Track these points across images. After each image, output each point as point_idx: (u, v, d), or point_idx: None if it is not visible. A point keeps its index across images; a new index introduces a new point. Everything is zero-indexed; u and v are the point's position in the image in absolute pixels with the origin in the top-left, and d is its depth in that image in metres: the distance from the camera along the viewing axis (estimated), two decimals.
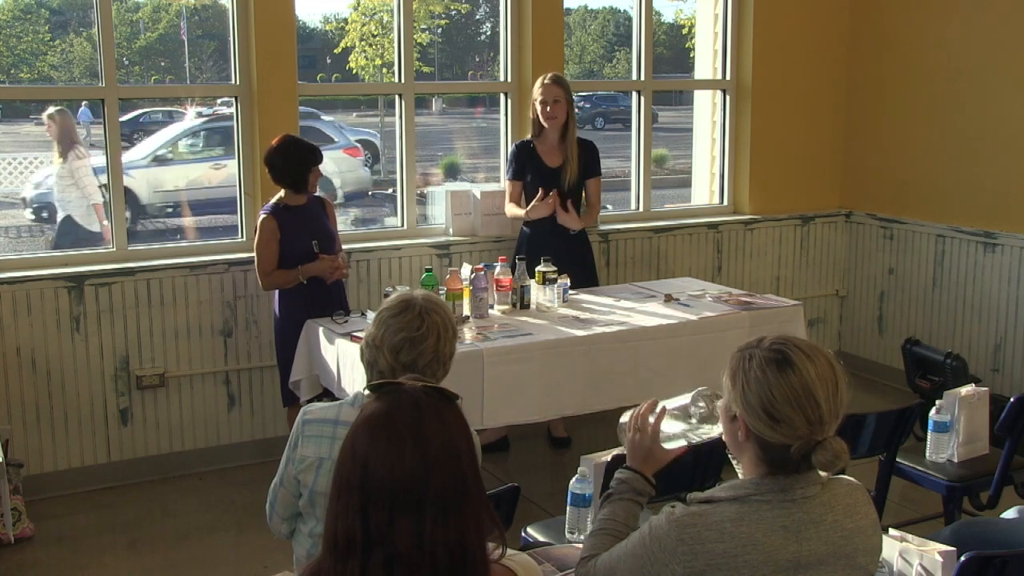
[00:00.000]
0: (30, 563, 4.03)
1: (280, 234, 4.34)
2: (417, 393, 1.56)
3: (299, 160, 4.36)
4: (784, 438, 1.83)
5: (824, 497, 1.88)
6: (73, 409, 4.57)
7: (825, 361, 1.87)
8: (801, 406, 1.81)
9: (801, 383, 1.82)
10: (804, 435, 1.82)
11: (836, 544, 1.87)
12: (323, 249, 4.41)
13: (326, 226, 4.49)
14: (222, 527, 4.36)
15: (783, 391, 1.82)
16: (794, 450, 1.83)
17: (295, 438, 2.50)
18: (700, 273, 5.79)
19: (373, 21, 14.01)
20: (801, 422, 1.81)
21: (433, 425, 1.53)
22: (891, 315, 6.16)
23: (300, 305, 4.38)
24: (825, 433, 1.83)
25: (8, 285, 4.40)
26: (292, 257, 4.37)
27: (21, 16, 17.02)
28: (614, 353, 4.13)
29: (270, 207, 4.40)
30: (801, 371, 1.82)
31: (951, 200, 5.75)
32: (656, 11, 6.44)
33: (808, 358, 1.84)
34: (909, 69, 5.92)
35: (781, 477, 1.86)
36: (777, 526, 1.83)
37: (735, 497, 1.86)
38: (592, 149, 5.08)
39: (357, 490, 1.51)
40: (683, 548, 1.82)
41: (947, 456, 3.69)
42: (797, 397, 1.81)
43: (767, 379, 1.83)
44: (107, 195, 4.79)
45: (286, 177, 4.36)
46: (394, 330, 2.41)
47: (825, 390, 1.83)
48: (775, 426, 1.82)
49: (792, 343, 1.88)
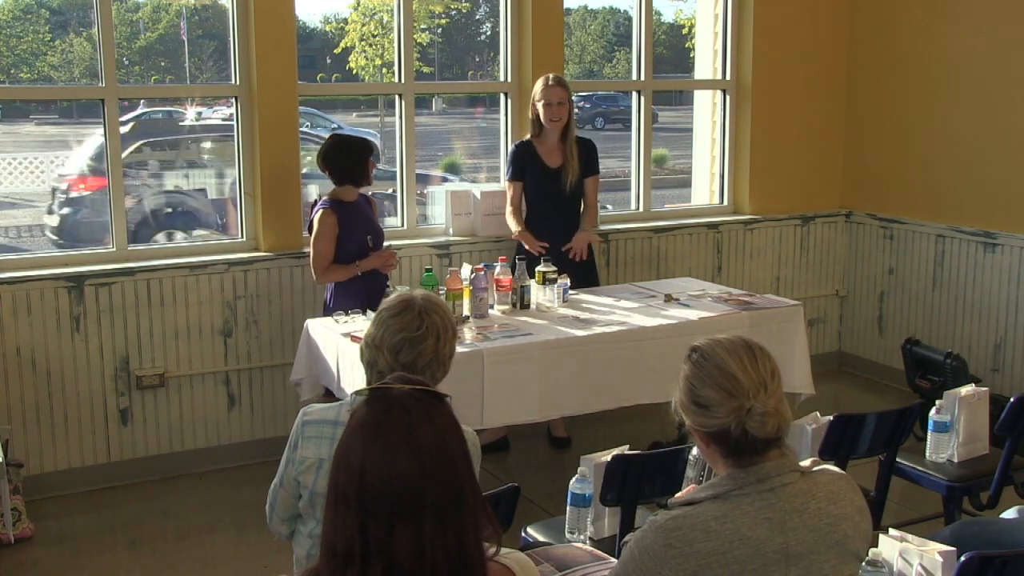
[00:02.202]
0: (30, 563, 4.03)
1: (338, 229, 4.45)
2: (406, 398, 1.55)
3: (356, 155, 4.50)
4: (719, 420, 1.87)
5: (804, 485, 1.91)
6: (73, 409, 4.57)
7: (737, 339, 1.95)
8: (718, 383, 1.88)
9: (712, 364, 1.90)
10: (734, 409, 1.86)
11: (823, 531, 1.88)
12: (375, 243, 4.57)
13: (375, 221, 4.67)
14: (222, 527, 4.36)
15: (699, 377, 1.91)
16: (733, 428, 1.86)
17: (295, 439, 2.50)
18: (700, 273, 5.79)
19: (373, 21, 14.01)
20: (724, 398, 1.87)
21: (425, 430, 1.52)
22: (891, 315, 6.16)
23: (357, 298, 4.45)
24: (754, 402, 1.86)
25: (8, 285, 4.40)
26: (349, 251, 4.48)
27: (21, 16, 17.02)
28: (614, 353, 4.13)
29: (328, 202, 4.49)
30: (709, 354, 1.91)
31: (951, 200, 5.75)
32: (656, 11, 6.44)
33: (717, 343, 1.94)
34: (909, 69, 5.92)
35: (753, 468, 1.88)
36: (760, 518, 1.85)
37: (715, 495, 1.88)
38: (591, 148, 5.08)
39: (355, 501, 1.50)
40: (672, 552, 1.82)
41: (947, 456, 3.69)
42: (711, 376, 1.89)
43: (686, 374, 1.94)
44: (108, 195, 4.79)
45: (347, 173, 4.49)
46: (394, 330, 2.41)
47: (739, 362, 1.89)
48: (706, 412, 1.89)
49: (705, 339, 1.96)
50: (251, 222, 4.98)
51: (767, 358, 1.92)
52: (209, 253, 4.89)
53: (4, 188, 13.05)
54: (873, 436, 3.41)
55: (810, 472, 1.95)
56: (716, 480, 1.92)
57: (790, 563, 1.85)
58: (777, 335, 4.37)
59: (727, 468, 1.92)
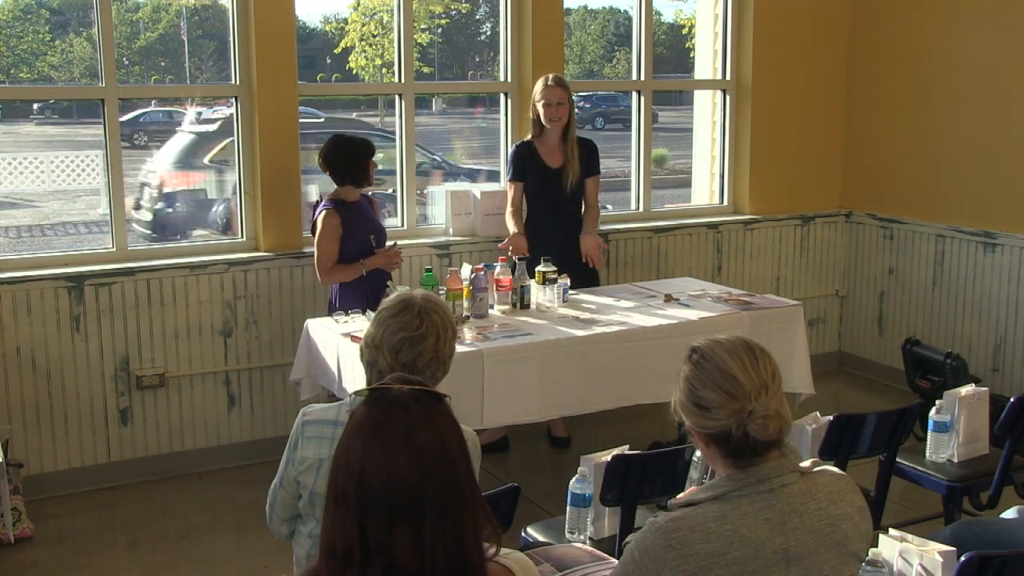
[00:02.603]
0: (30, 563, 4.03)
1: (342, 229, 4.45)
2: (406, 398, 1.55)
3: (356, 155, 4.51)
4: (720, 422, 1.87)
5: (803, 486, 1.90)
6: (73, 409, 4.57)
7: (737, 340, 1.94)
8: (719, 385, 1.87)
9: (712, 365, 1.89)
10: (735, 411, 1.86)
11: (823, 532, 1.88)
12: (378, 242, 4.59)
13: (377, 220, 4.68)
14: (222, 527, 4.36)
15: (700, 378, 1.90)
16: (734, 430, 1.86)
17: (295, 439, 2.50)
18: (700, 273, 5.79)
19: (373, 21, 14.01)
20: (725, 400, 1.86)
21: (425, 430, 1.52)
22: (891, 315, 6.16)
23: (363, 297, 4.45)
24: (755, 404, 1.86)
25: (8, 285, 4.40)
26: (352, 251, 4.50)
27: (21, 16, 17.01)
28: (614, 353, 4.13)
29: (331, 203, 4.50)
30: (710, 355, 1.90)
31: (951, 200, 5.75)
32: (656, 11, 6.44)
33: (717, 343, 1.93)
34: (909, 69, 5.92)
35: (752, 469, 1.88)
36: (760, 519, 1.85)
37: (715, 496, 1.88)
38: (592, 148, 5.08)
39: (354, 502, 1.50)
40: (672, 554, 1.82)
41: (947, 456, 3.69)
42: (712, 378, 1.88)
43: (686, 375, 1.93)
44: (108, 195, 4.79)
45: (347, 174, 4.51)
46: (393, 330, 2.41)
47: (740, 364, 1.88)
48: (706, 414, 1.88)
49: (705, 340, 1.96)
50: (251, 222, 4.98)
51: (768, 359, 1.92)
52: (209, 253, 4.89)
53: (4, 188, 13.05)
54: (873, 436, 3.41)
55: (810, 473, 1.95)
56: (715, 481, 1.92)
57: (790, 564, 1.85)
58: (777, 335, 4.36)
59: (727, 469, 1.92)
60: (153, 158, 10.80)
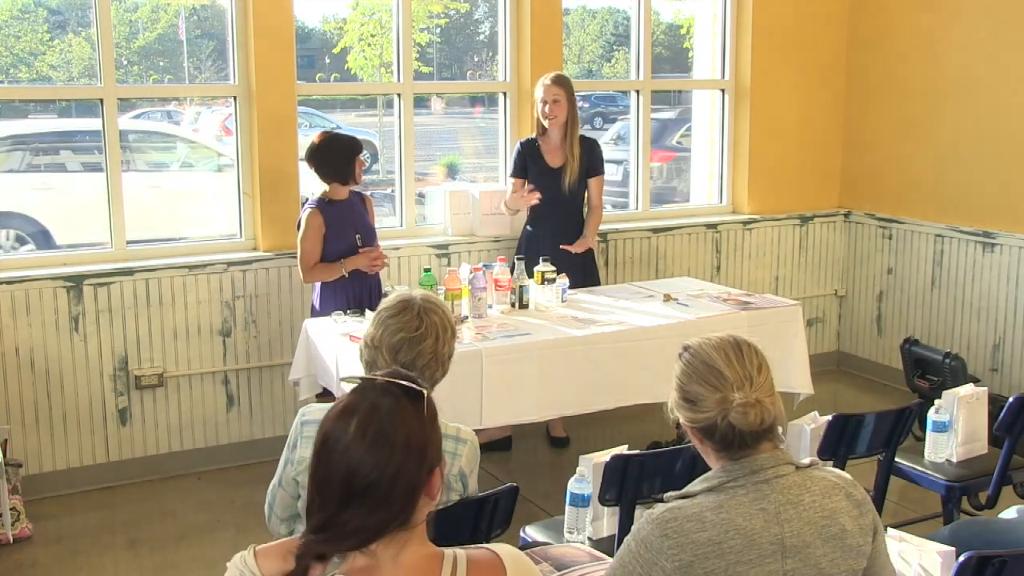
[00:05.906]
0: (29, 563, 4.02)
1: (325, 228, 4.41)
2: (379, 390, 1.63)
3: (343, 152, 4.44)
4: (707, 414, 1.91)
5: (798, 478, 1.93)
6: (72, 409, 4.56)
7: (727, 337, 1.98)
8: (704, 379, 1.92)
9: (699, 360, 1.95)
10: (719, 402, 1.90)
11: (819, 524, 1.89)
12: (365, 243, 4.51)
13: (367, 220, 4.59)
14: (221, 527, 4.36)
15: (687, 373, 1.95)
16: (719, 421, 1.89)
17: (294, 439, 2.50)
18: (699, 273, 5.79)
19: (372, 21, 13.99)
20: (710, 392, 1.91)
21: (389, 422, 1.60)
22: (890, 315, 6.16)
23: (343, 298, 4.42)
24: (736, 394, 1.89)
25: (7, 285, 4.40)
26: (336, 250, 4.44)
27: (19, 16, 17.00)
28: (613, 353, 4.13)
29: (315, 202, 4.46)
30: (697, 351, 1.96)
31: (950, 200, 5.75)
32: (655, 11, 6.42)
33: (707, 340, 1.98)
34: (908, 69, 5.92)
35: (745, 460, 1.91)
36: (755, 509, 1.87)
37: (710, 488, 1.91)
38: (595, 147, 5.07)
39: (321, 481, 1.62)
40: (668, 543, 1.83)
41: (946, 456, 3.69)
42: (698, 372, 1.93)
43: (677, 373, 1.98)
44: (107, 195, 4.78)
45: (333, 171, 4.44)
46: (393, 330, 2.41)
47: (724, 357, 1.93)
48: (694, 407, 1.93)
49: (697, 338, 2.00)
50: (250, 222, 4.98)
51: (754, 353, 1.96)
52: (208, 253, 4.89)
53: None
54: (872, 436, 3.41)
55: (805, 467, 1.97)
56: (710, 473, 1.96)
57: (786, 555, 1.86)
58: (776, 335, 4.37)
59: (719, 461, 1.95)
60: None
